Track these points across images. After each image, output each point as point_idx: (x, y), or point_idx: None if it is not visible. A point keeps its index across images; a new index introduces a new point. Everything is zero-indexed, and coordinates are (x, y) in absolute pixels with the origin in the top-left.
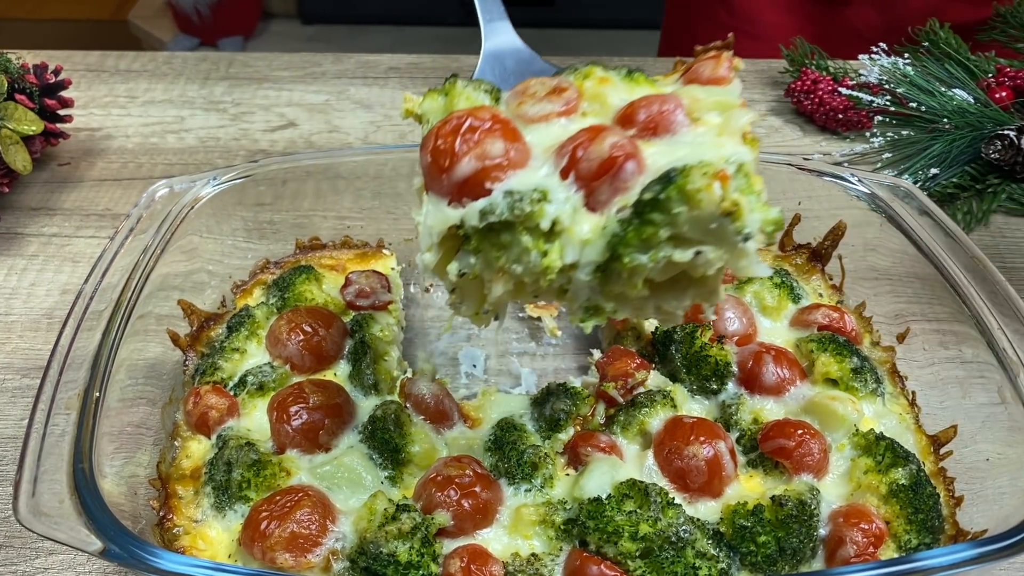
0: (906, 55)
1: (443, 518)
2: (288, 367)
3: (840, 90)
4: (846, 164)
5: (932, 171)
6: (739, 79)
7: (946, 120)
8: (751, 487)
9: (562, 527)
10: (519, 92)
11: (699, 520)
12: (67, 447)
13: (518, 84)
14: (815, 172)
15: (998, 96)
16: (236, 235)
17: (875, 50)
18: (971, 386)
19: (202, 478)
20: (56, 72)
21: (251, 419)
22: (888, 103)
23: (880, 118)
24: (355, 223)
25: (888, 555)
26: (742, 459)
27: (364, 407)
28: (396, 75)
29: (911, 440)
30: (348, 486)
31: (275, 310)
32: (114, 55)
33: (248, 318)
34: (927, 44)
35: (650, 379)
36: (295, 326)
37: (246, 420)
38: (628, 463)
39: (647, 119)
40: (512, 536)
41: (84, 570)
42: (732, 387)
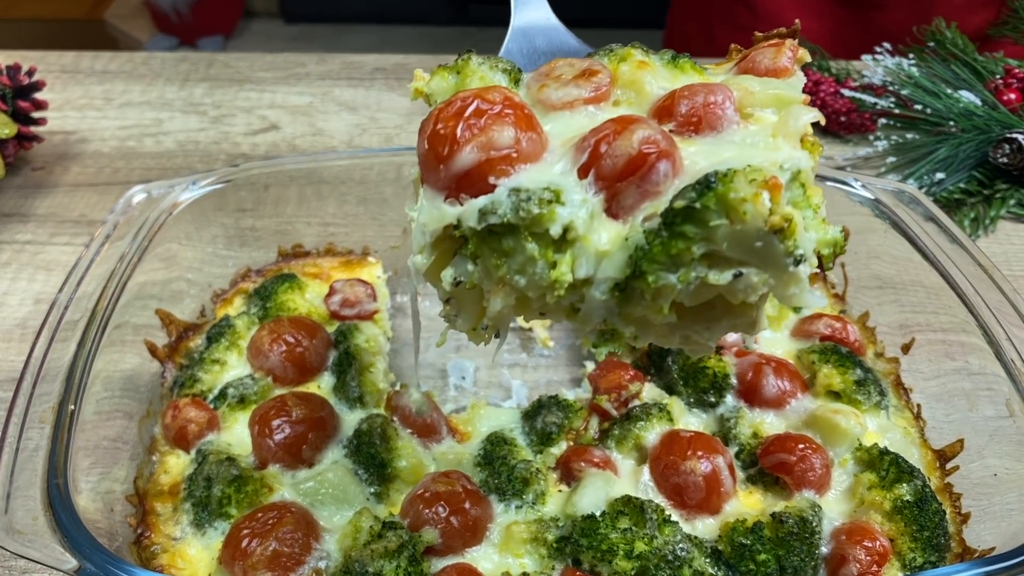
0: (911, 56)
1: (431, 536)
2: (270, 379)
3: (843, 92)
4: (849, 168)
5: (938, 176)
6: (801, 72)
7: (952, 123)
8: (750, 504)
9: (554, 545)
10: (543, 74)
11: (696, 538)
12: (41, 462)
13: (543, 65)
14: (817, 177)
15: (1006, 98)
16: (216, 242)
17: (879, 50)
18: (978, 398)
19: (181, 494)
20: (30, 73)
21: (232, 433)
22: (892, 105)
23: (884, 121)
24: (340, 230)
25: (892, 574)
26: (741, 475)
27: (349, 421)
28: (382, 76)
29: (916, 455)
30: (332, 502)
31: (257, 320)
32: (90, 55)
33: (228, 328)
34: (933, 44)
35: (646, 392)
36: (277, 337)
37: (226, 434)
38: (623, 479)
39: (689, 112)
40: (503, 554)
41: None
42: (731, 400)
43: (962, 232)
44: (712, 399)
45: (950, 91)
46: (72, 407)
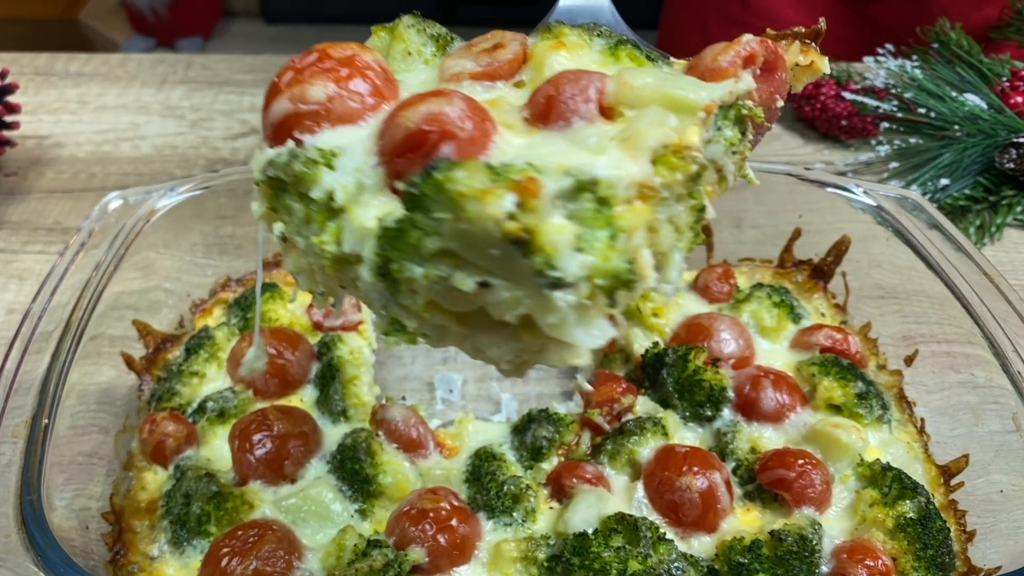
0: (914, 57)
1: (417, 554)
2: (251, 392)
3: (844, 95)
4: (850, 174)
5: (942, 182)
6: (750, 78)
7: (957, 127)
8: (748, 521)
9: (545, 564)
10: (465, 45)
11: (692, 556)
12: (14, 478)
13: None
14: (817, 183)
15: (1013, 101)
16: (195, 250)
17: (881, 52)
18: (984, 412)
19: (158, 511)
20: (2, 75)
21: (211, 448)
22: (895, 109)
23: (886, 125)
24: None
25: None
26: (738, 491)
27: (332, 435)
28: None
29: (920, 470)
30: (315, 520)
31: (237, 331)
32: (64, 57)
33: (208, 339)
34: (937, 46)
35: (640, 405)
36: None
37: (205, 449)
38: (616, 495)
39: (545, 100)
40: (491, 574)
41: None
42: (728, 414)
43: (967, 240)
44: (708, 413)
45: (955, 94)
46: (46, 421)
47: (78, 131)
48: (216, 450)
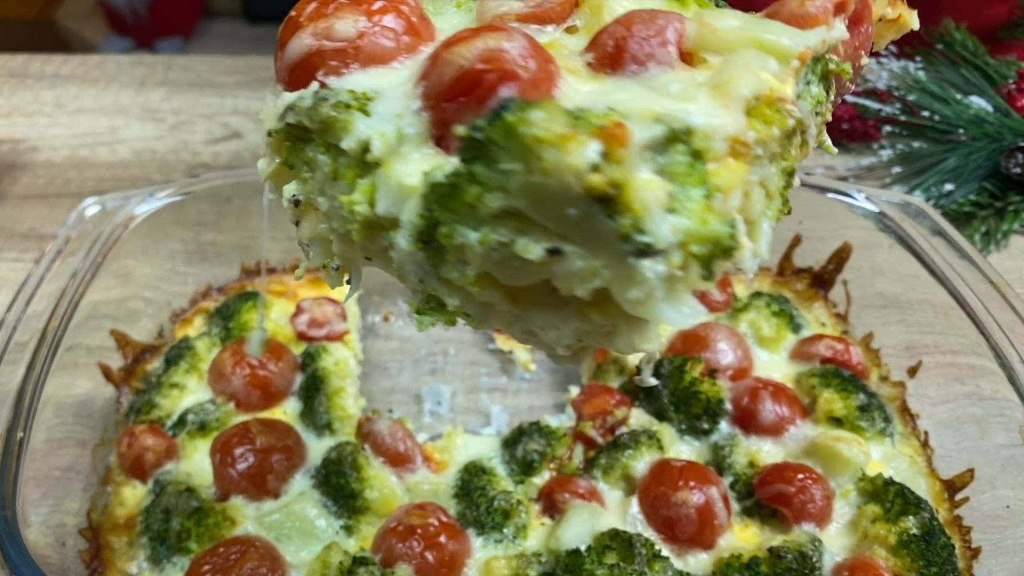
0: (918, 58)
1: (405, 572)
2: (232, 404)
3: (845, 97)
4: (851, 179)
5: (946, 187)
6: (843, 26)
7: (962, 131)
8: (746, 538)
9: None
10: None
11: (689, 574)
12: None
13: None
14: (817, 188)
15: (1020, 104)
16: (175, 258)
17: (884, 53)
18: (990, 425)
19: (137, 527)
20: None
21: (191, 462)
22: (898, 112)
23: (889, 128)
24: None
25: None
26: (736, 506)
27: (317, 449)
28: None
29: (923, 485)
30: (299, 536)
31: (218, 341)
32: (40, 58)
33: (188, 350)
34: (941, 47)
35: (634, 418)
36: (240, 359)
37: (186, 463)
38: (610, 511)
39: (614, 43)
40: None
41: None
42: (725, 426)
43: (972, 247)
44: (705, 426)
45: (960, 96)
46: (21, 434)
47: (54, 135)
48: (197, 464)
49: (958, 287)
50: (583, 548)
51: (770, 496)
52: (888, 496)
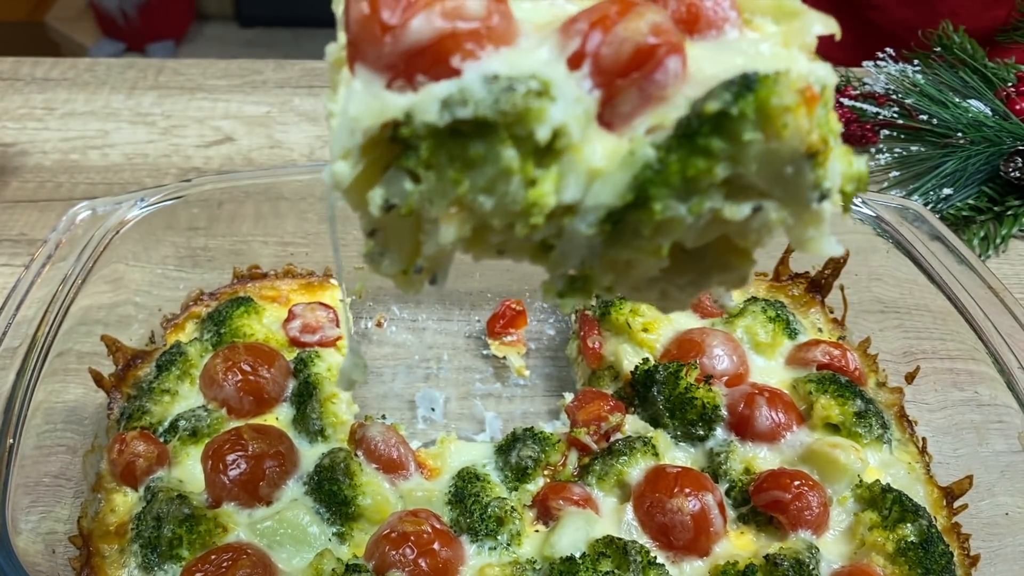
0: (916, 62)
1: None
2: (224, 411)
3: (842, 100)
4: None
5: (945, 191)
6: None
7: (960, 134)
8: (742, 545)
9: None
10: None
11: None
12: None
13: None
14: None
15: (1019, 108)
16: (166, 263)
17: (881, 56)
18: (988, 431)
19: (128, 535)
20: None
21: (183, 469)
22: (896, 115)
23: (887, 132)
24: (299, 250)
25: None
26: (732, 513)
27: (309, 455)
28: None
29: (921, 492)
30: (292, 544)
31: (210, 347)
32: (30, 62)
33: (180, 356)
34: (939, 49)
35: (629, 424)
36: (232, 365)
37: (177, 470)
38: (604, 518)
39: (687, 8)
40: None
41: None
42: (721, 433)
43: (971, 252)
44: (701, 432)
45: (958, 100)
46: (11, 441)
47: (44, 138)
48: (188, 471)
49: (956, 292)
50: (577, 555)
51: (766, 503)
52: (886, 503)
